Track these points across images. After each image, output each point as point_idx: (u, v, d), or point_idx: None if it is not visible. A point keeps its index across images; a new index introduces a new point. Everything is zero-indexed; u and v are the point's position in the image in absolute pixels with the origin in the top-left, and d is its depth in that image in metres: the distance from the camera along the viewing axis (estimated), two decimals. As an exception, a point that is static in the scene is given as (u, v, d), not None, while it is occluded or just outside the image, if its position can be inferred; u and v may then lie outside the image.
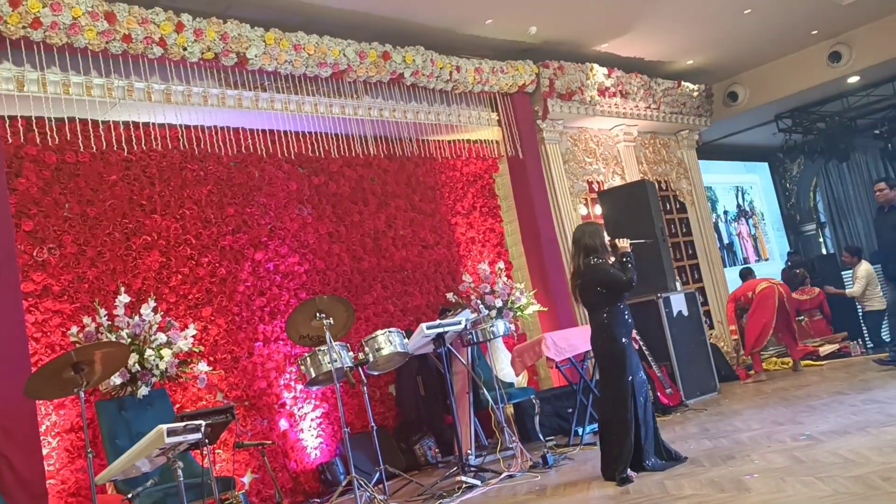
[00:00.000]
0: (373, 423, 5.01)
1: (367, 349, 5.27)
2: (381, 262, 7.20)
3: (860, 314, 9.67)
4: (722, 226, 13.03)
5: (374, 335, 5.34)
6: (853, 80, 10.45)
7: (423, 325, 5.40)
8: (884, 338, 8.83)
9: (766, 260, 13.71)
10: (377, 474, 5.14)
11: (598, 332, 4.76)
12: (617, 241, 4.88)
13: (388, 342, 5.30)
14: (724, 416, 6.41)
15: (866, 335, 9.71)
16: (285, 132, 6.35)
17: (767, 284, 8.74)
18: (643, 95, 9.37)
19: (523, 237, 8.15)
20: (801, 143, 12.22)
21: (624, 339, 4.69)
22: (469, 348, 6.10)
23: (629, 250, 4.85)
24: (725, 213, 13.33)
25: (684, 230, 10.12)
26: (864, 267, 9.43)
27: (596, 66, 8.68)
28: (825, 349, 9.14)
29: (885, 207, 7.33)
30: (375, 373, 5.52)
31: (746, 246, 13.54)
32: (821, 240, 14.66)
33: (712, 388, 7.84)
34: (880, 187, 7.28)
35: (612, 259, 4.87)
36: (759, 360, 8.61)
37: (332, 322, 4.95)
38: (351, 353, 5.22)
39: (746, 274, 9.92)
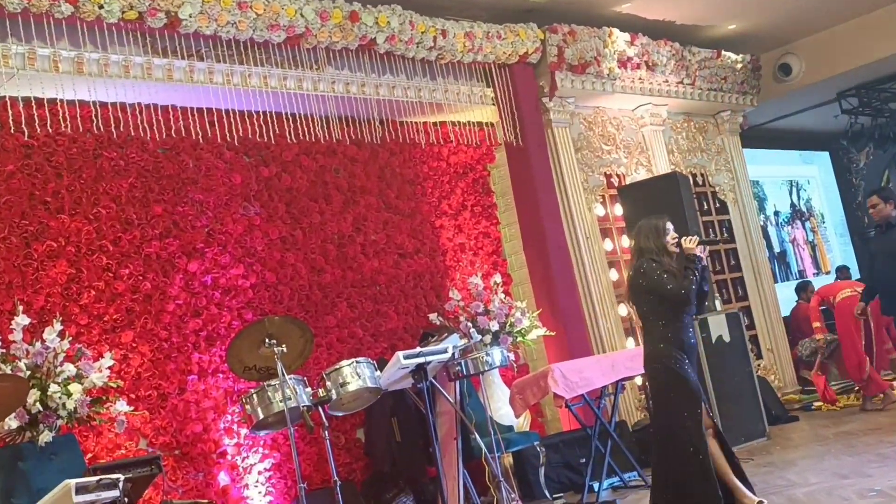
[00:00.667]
0: (336, 477, 5.01)
1: (328, 384, 5.28)
2: (348, 275, 7.21)
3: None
4: (772, 230, 13.15)
5: (337, 366, 5.35)
6: (933, 49, 10.58)
7: (400, 354, 5.41)
8: None
9: (827, 273, 13.84)
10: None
11: (646, 351, 4.95)
12: (683, 240, 4.96)
13: (356, 375, 5.30)
14: (775, 468, 6.46)
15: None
16: (227, 111, 6.35)
17: (851, 292, 8.80)
18: (674, 68, 9.45)
19: (525, 244, 8.20)
20: (870, 127, 12.35)
21: (678, 363, 4.81)
22: (457, 383, 6.12)
23: (696, 253, 4.91)
24: (776, 214, 13.44)
25: (725, 235, 10.20)
26: None
27: (616, 30, 8.75)
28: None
29: (882, 227, 7.48)
30: (339, 413, 5.53)
31: (803, 255, 13.67)
32: (894, 247, 14.80)
33: (760, 432, 7.90)
34: (872, 202, 7.39)
35: (673, 263, 4.95)
36: (877, 381, 8.54)
37: (284, 350, 4.95)
38: (309, 390, 5.22)
39: (804, 287, 9.98)
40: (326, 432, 5.11)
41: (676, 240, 4.96)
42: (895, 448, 6.28)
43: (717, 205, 10.27)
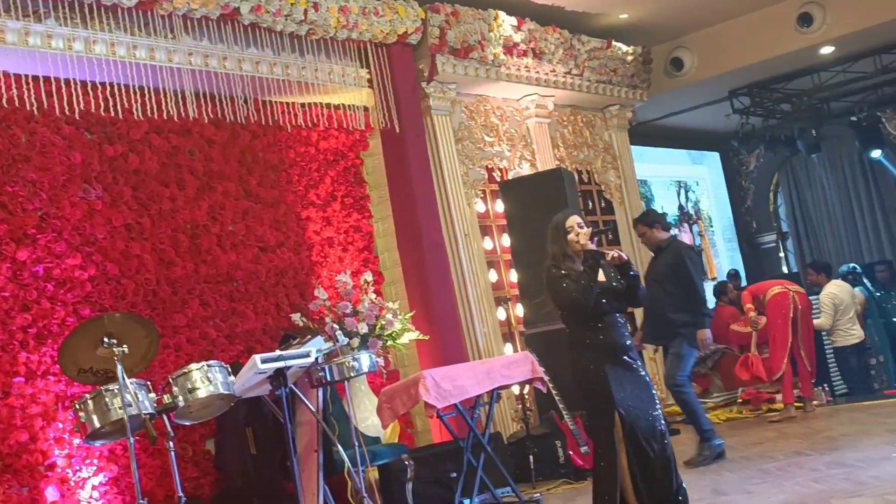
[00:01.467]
0: (181, 493, 4.91)
1: (175, 389, 5.17)
2: (201, 269, 7.08)
3: (828, 351, 10.29)
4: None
5: (186, 370, 5.24)
6: (826, 50, 11.16)
7: (257, 358, 5.35)
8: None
9: (714, 279, 14.39)
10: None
11: (568, 353, 5.07)
12: (581, 235, 5.00)
13: (207, 380, 5.21)
14: (653, 483, 6.65)
15: (835, 378, 10.37)
16: (67, 81, 6.18)
17: (781, 289, 9.19)
18: (562, 57, 9.64)
19: (399, 240, 8.22)
20: (762, 128, 12.92)
21: (591, 368, 4.92)
22: (320, 390, 6.08)
23: (590, 247, 4.99)
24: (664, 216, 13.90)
25: (610, 237, 10.49)
26: (828, 290, 9.95)
27: (502, 13, 8.87)
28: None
29: (654, 253, 7.96)
30: (187, 422, 5.42)
31: (689, 260, 14.16)
32: (781, 254, 15.55)
33: (640, 445, 8.13)
34: (640, 231, 7.74)
35: (577, 265, 5.01)
36: (789, 388, 8.95)
37: (126, 351, 4.83)
38: (153, 395, 5.11)
39: (723, 290, 10.37)
40: (171, 443, 5.01)
41: (579, 235, 4.98)
42: (776, 463, 6.59)
43: (603, 204, 10.55)
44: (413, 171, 8.14)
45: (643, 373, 5.01)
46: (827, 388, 9.94)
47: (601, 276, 4.95)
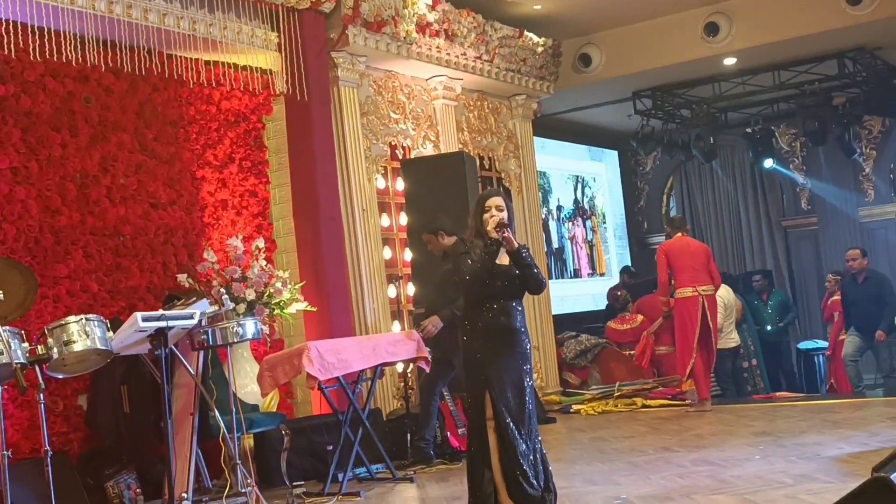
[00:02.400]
0: (48, 447, 4.78)
1: (50, 341, 5.03)
2: (88, 221, 6.88)
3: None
4: (553, 224, 13.75)
5: (63, 322, 5.11)
6: (729, 61, 11.45)
7: (139, 315, 5.26)
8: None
9: (602, 275, 14.68)
10: (46, 520, 4.90)
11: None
12: (491, 221, 4.97)
13: (84, 334, 5.08)
14: (526, 469, 6.77)
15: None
16: (-40, 12, 5.89)
17: (690, 292, 9.37)
18: (474, 41, 9.66)
19: (295, 209, 8.14)
20: (661, 131, 13.19)
21: (471, 346, 4.97)
22: (201, 353, 6.01)
23: (493, 235, 4.92)
24: (559, 208, 14.09)
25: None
26: (719, 293, 10.28)
27: (418, -9, 8.83)
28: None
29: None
30: (60, 375, 5.29)
31: (580, 255, 14.40)
32: (668, 257, 15.92)
33: (517, 431, 8.26)
34: (425, 238, 7.81)
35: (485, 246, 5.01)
36: (703, 383, 9.20)
37: (1, 297, 4.66)
38: (26, 345, 4.96)
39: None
40: (42, 395, 4.88)
41: (492, 218, 4.91)
42: (645, 457, 6.77)
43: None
44: (315, 141, 8.06)
45: (526, 364, 5.02)
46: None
47: (504, 260, 4.96)
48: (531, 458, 4.89)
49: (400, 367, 8.13)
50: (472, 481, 4.91)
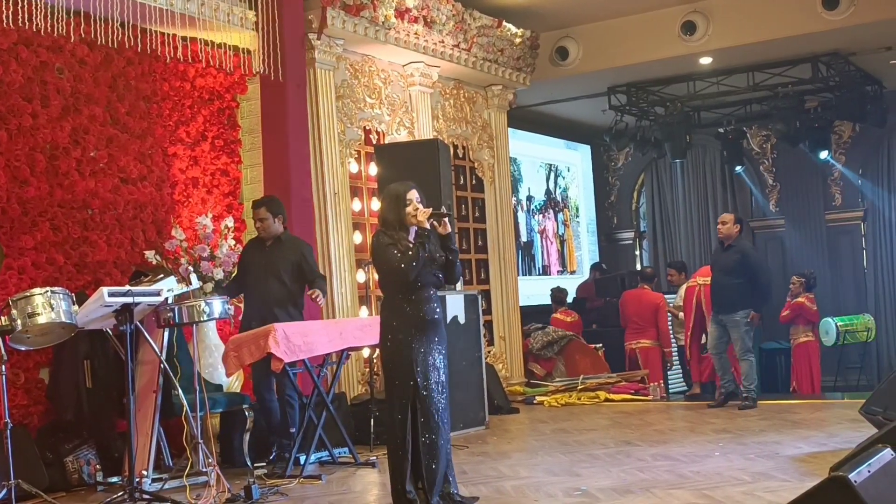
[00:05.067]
0: (8, 419, 4.75)
1: (14, 312, 4.99)
2: (56, 193, 6.81)
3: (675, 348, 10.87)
4: (522, 217, 13.74)
5: (28, 293, 5.09)
6: (705, 60, 11.51)
7: (104, 290, 5.23)
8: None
9: (573, 273, 14.70)
10: (3, 492, 4.87)
11: (381, 323, 5.19)
12: (419, 213, 5.06)
13: (49, 307, 5.05)
14: (488, 458, 6.81)
15: (673, 376, 10.89)
16: (-67, -24, 5.79)
17: (692, 282, 10.21)
18: (452, 29, 9.64)
19: (266, 190, 8.09)
20: (634, 128, 13.24)
21: (401, 340, 5.02)
22: (167, 331, 5.98)
23: (425, 225, 5.05)
24: (530, 199, 14.08)
25: (477, 214, 10.59)
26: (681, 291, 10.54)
27: (399, -24, 8.79)
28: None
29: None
30: (22, 347, 5.26)
31: (550, 249, 14.41)
32: (637, 252, 16.02)
33: (480, 420, 8.30)
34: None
35: (408, 238, 5.08)
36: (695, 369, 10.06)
37: (-35, 267, 4.60)
38: (-11, 316, 4.90)
39: (650, 276, 11.12)
40: (3, 367, 4.84)
41: (417, 211, 5.06)
42: (606, 450, 6.81)
43: (474, 181, 10.62)
44: (289, 122, 8.01)
45: (442, 356, 5.11)
46: (662, 384, 10.36)
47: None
48: (447, 450, 5.03)
49: (366, 353, 8.14)
50: (395, 476, 5.00)
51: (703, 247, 15.03)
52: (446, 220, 5.08)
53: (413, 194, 5.11)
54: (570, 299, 12.65)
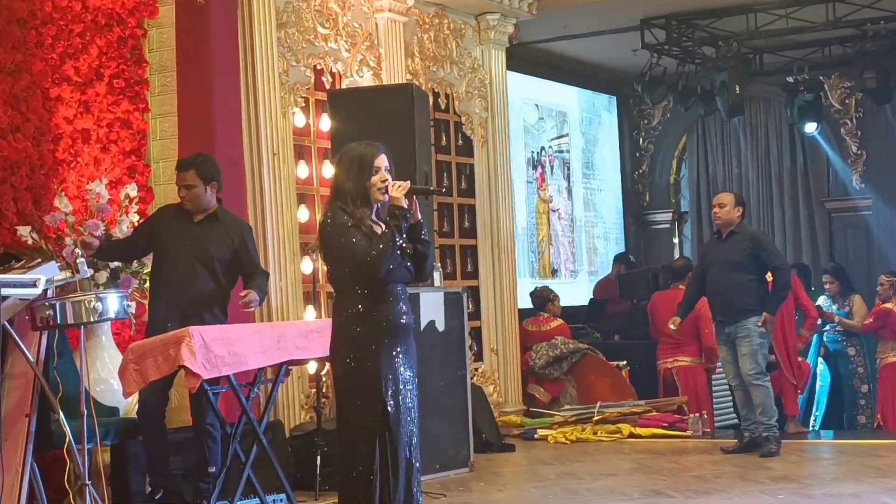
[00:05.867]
0: None
1: None
2: None
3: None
4: (521, 189, 13.76)
5: None
6: (770, -15, 11.54)
7: (-40, 279, 5.18)
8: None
9: (593, 274, 14.73)
10: None
11: (333, 329, 5.20)
12: (391, 186, 5.06)
13: None
14: (469, 513, 6.85)
15: (721, 404, 10.96)
16: None
17: None
18: (435, -63, 9.62)
19: (182, 149, 8.06)
20: (675, 74, 13.25)
21: (359, 346, 5.04)
22: (45, 334, 5.94)
23: (402, 204, 5.03)
24: (535, 165, 14.11)
25: (464, 186, 10.59)
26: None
27: None
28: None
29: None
30: None
31: (560, 245, 14.46)
32: (676, 239, 16.06)
33: (462, 460, 8.31)
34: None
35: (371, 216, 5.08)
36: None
37: None
38: None
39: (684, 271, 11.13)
40: None
41: (386, 184, 5.05)
42: (630, 501, 6.83)
43: (461, 142, 10.61)
44: (214, 58, 7.99)
45: (412, 374, 5.15)
46: (706, 415, 10.40)
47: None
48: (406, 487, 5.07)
49: (312, 368, 8.13)
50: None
51: (764, 231, 15.08)
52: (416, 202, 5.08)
53: (383, 160, 5.10)
54: (580, 300, 12.69)
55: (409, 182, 5.10)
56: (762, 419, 8.67)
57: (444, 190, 10.01)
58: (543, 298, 11.68)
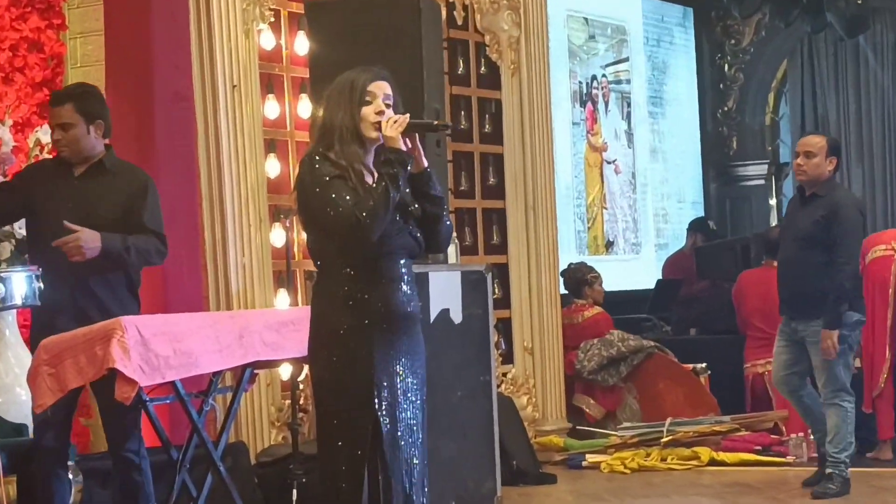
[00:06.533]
0: None
1: None
2: None
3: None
4: (566, 133, 13.75)
5: None
6: None
7: None
8: None
9: (664, 247, 14.74)
10: None
11: (312, 317, 5.22)
12: (385, 121, 5.01)
13: None
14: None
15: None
16: None
17: (882, 248, 10.04)
18: None
19: (110, 79, 8.10)
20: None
21: (342, 339, 5.04)
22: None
23: (399, 146, 4.98)
24: (584, 101, 14.10)
25: (488, 128, 10.57)
26: None
27: None
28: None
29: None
30: None
31: (616, 212, 14.46)
32: (772, 200, 16.05)
33: (487, 495, 8.34)
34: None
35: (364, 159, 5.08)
36: (884, 414, 9.74)
37: None
38: None
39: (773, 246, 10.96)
40: None
41: (381, 117, 5.00)
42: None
43: (484, 69, 10.60)
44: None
45: (419, 380, 5.17)
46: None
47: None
48: None
49: (286, 372, 8.18)
50: None
51: (893, 190, 15.08)
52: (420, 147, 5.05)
53: (381, 86, 5.07)
54: (644, 283, 12.70)
55: (407, 115, 5.04)
56: (831, 449, 8.53)
57: (460, 127, 9.99)
58: (578, 280, 11.67)
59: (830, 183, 8.74)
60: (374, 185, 4.95)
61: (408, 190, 5.08)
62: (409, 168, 4.99)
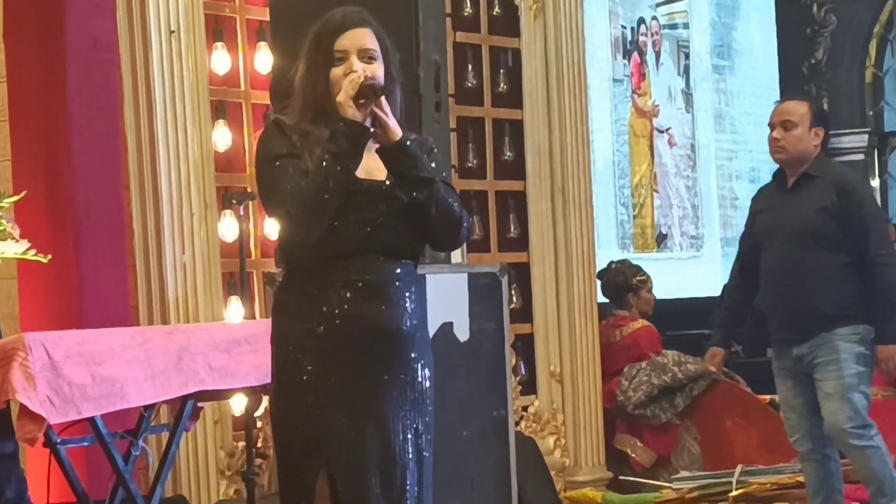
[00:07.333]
0: None
1: None
2: None
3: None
4: (606, 95, 13.79)
5: None
6: None
7: None
8: None
9: (731, 243, 14.81)
10: None
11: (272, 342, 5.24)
12: (346, 80, 4.97)
13: None
14: None
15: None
16: None
17: None
18: None
19: (7, 26, 8.15)
20: None
21: (303, 359, 5.06)
22: None
23: (348, 113, 4.92)
24: (628, 54, 14.15)
25: (503, 87, 10.65)
26: None
27: None
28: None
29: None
30: None
31: (672, 194, 14.53)
32: (874, 181, 16.13)
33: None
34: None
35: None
36: None
37: None
38: None
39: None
40: None
41: (353, 77, 4.94)
42: None
43: (497, 9, 10.65)
44: None
45: (421, 416, 5.18)
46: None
47: (380, 168, 5.06)
48: None
49: (238, 406, 8.21)
50: None
51: None
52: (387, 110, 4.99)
53: (356, 38, 5.07)
54: (706, 289, 12.77)
55: (360, 73, 4.96)
56: (879, 501, 8.40)
57: (466, 85, 10.02)
58: (620, 285, 11.68)
59: (822, 160, 8.72)
60: (319, 163, 4.90)
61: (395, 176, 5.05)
62: (362, 143, 4.94)
